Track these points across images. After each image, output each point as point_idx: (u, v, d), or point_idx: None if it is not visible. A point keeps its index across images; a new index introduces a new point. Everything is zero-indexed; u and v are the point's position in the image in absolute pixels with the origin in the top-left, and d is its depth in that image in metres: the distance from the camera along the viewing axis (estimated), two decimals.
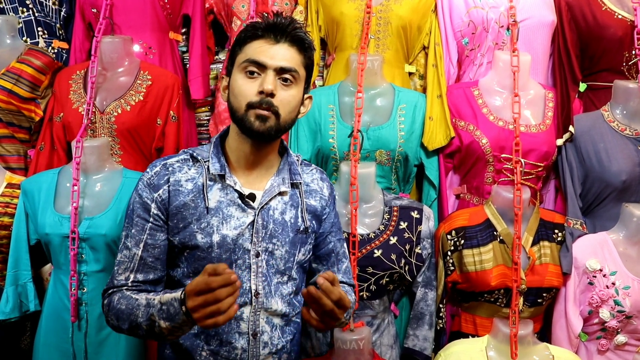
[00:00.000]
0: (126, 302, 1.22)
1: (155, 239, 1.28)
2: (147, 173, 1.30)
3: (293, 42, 1.27)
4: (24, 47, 2.15)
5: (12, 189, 1.98)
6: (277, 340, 1.32)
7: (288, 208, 1.34)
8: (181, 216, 1.27)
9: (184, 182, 1.29)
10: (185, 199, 1.27)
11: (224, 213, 1.27)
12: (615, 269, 1.84)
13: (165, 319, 1.13)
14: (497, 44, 2.15)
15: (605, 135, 2.00)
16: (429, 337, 1.91)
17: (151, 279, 1.29)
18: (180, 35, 2.37)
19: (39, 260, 1.97)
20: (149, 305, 1.17)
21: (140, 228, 1.28)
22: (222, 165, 1.30)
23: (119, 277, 1.28)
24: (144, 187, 1.29)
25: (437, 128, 2.07)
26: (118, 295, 1.26)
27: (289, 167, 1.37)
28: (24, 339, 2.04)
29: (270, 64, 1.23)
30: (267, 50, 1.24)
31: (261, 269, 1.29)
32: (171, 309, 1.12)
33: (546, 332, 1.99)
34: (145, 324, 1.17)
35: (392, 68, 2.20)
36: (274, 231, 1.30)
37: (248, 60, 1.24)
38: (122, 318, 1.22)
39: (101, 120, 2.02)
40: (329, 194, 1.45)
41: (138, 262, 1.27)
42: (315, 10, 2.29)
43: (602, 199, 2.01)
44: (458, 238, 1.89)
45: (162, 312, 1.14)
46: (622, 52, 2.10)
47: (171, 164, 1.31)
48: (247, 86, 1.24)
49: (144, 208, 1.28)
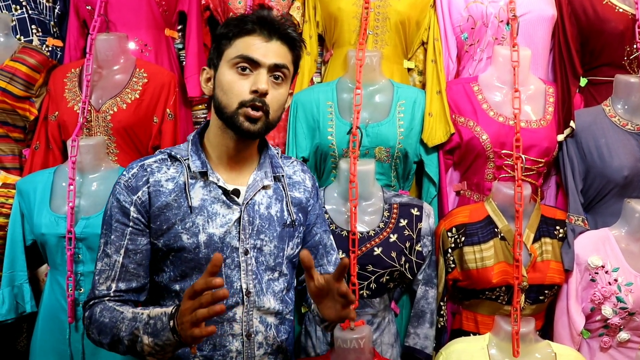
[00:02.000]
0: (110, 315, 1.18)
1: (136, 244, 1.24)
2: (123, 176, 1.26)
3: (284, 39, 1.26)
4: (18, 45, 2.12)
5: (7, 189, 1.97)
6: (272, 340, 1.30)
7: (273, 202, 1.32)
8: (164, 217, 1.24)
9: (164, 182, 1.25)
10: (167, 199, 1.24)
11: (208, 211, 1.25)
12: (617, 265, 1.83)
13: (150, 334, 1.09)
14: (497, 39, 2.14)
15: (607, 131, 1.99)
16: (430, 335, 1.90)
17: (134, 287, 1.25)
18: (176, 32, 2.36)
19: (35, 261, 1.95)
20: (134, 319, 1.14)
21: (120, 233, 1.23)
22: (203, 162, 1.27)
23: (100, 288, 1.23)
24: (121, 190, 1.24)
25: (436, 124, 2.06)
26: (100, 307, 1.21)
27: (270, 160, 1.35)
28: (21, 341, 2.03)
29: (264, 62, 1.22)
30: (260, 47, 1.22)
31: (251, 266, 1.27)
32: (158, 323, 1.09)
33: (548, 330, 1.98)
34: (127, 339, 1.13)
35: (391, 64, 2.19)
36: (261, 226, 1.28)
37: (241, 56, 1.22)
38: (105, 332, 1.17)
39: (97, 118, 2.01)
40: (311, 185, 1.43)
41: (119, 269, 1.23)
42: (312, 6, 2.27)
43: (603, 194, 1.99)
44: (459, 235, 1.88)
45: (148, 327, 1.10)
46: (623, 46, 2.09)
47: (149, 164, 1.27)
48: (239, 83, 1.22)
49: (123, 212, 1.23)
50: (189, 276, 1.24)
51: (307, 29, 2.28)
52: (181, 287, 1.25)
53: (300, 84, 2.24)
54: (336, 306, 1.16)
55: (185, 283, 1.25)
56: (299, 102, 2.09)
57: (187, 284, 1.24)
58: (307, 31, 2.28)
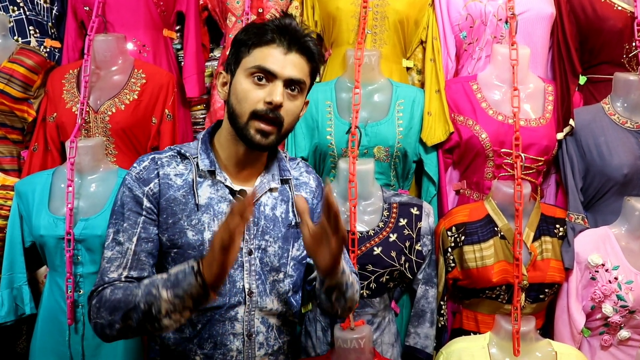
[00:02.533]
0: (123, 290, 1.14)
1: (148, 232, 1.23)
2: (134, 168, 1.26)
3: (303, 51, 1.25)
4: (16, 47, 2.12)
5: (6, 191, 1.96)
6: (273, 341, 1.30)
7: (279, 203, 1.32)
8: (171, 211, 1.24)
9: (173, 176, 1.26)
10: (175, 194, 1.24)
11: (215, 210, 1.25)
12: (617, 263, 1.83)
13: (170, 286, 1.06)
14: (496, 38, 2.13)
15: (606, 129, 1.98)
16: (430, 334, 1.89)
17: (145, 277, 1.20)
18: (174, 33, 2.35)
19: (34, 263, 1.95)
20: (152, 282, 1.10)
21: (133, 222, 1.22)
22: (212, 161, 1.28)
23: (111, 275, 1.19)
24: (132, 181, 1.24)
25: (435, 123, 2.05)
26: (111, 287, 1.17)
27: (278, 163, 1.36)
28: (20, 343, 2.03)
29: (281, 74, 1.21)
30: (278, 58, 1.21)
31: (254, 267, 1.27)
32: (180, 274, 1.06)
33: (549, 328, 1.98)
34: (144, 302, 1.08)
35: (390, 63, 2.18)
36: (266, 227, 1.29)
37: (258, 66, 1.21)
38: (118, 307, 1.12)
39: (95, 119, 2.00)
40: (316, 185, 1.43)
41: (132, 257, 1.21)
42: (311, 5, 2.27)
43: (603, 192, 1.99)
44: (458, 234, 1.87)
45: (168, 282, 1.07)
46: (622, 44, 2.09)
47: (160, 158, 1.28)
48: (254, 93, 1.21)
49: (136, 201, 1.23)
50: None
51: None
52: None
53: None
54: (330, 246, 1.11)
55: None
56: None
57: None
58: None
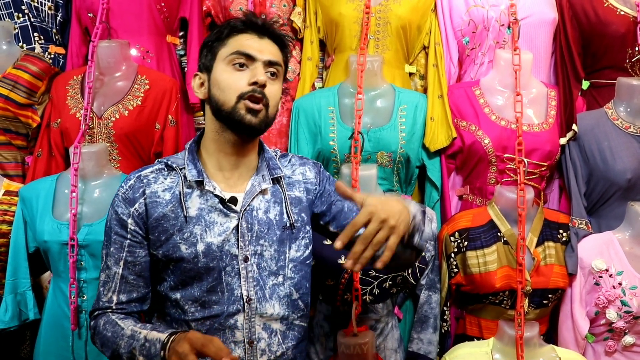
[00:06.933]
0: (112, 330, 1.23)
1: (135, 256, 1.26)
2: (122, 187, 1.28)
3: (274, 38, 1.30)
4: (20, 53, 2.13)
5: (10, 197, 1.97)
6: (276, 347, 1.28)
7: (272, 205, 1.30)
8: (162, 228, 1.24)
9: (160, 192, 1.26)
10: (164, 210, 1.24)
11: (206, 220, 1.24)
12: (621, 268, 1.82)
13: (145, 356, 1.15)
14: (498, 43, 2.13)
15: (609, 134, 1.98)
16: (434, 340, 1.89)
17: (135, 298, 1.27)
18: (177, 39, 2.36)
19: (38, 268, 1.95)
20: (132, 337, 1.19)
21: (118, 246, 1.26)
22: (200, 171, 1.27)
23: (104, 299, 1.27)
24: (119, 202, 1.26)
25: (438, 129, 2.05)
26: (104, 319, 1.25)
27: (268, 162, 1.34)
28: (24, 348, 2.03)
29: (260, 57, 1.25)
30: (254, 43, 1.26)
31: (251, 273, 1.26)
32: (152, 348, 1.14)
33: (552, 334, 1.97)
34: (126, 356, 1.19)
35: (392, 68, 2.18)
36: (260, 232, 1.27)
37: (237, 52, 1.24)
38: (107, 345, 1.23)
39: (99, 125, 2.01)
40: (314, 174, 1.40)
41: (119, 281, 1.26)
42: (313, 11, 2.27)
43: (607, 198, 1.99)
44: (461, 240, 1.87)
45: (144, 349, 1.15)
46: (625, 48, 2.09)
47: (145, 175, 1.28)
48: (236, 77, 1.23)
49: (121, 225, 1.25)
50: (189, 285, 1.25)
51: (308, 35, 2.28)
52: (181, 295, 1.25)
53: (302, 90, 2.23)
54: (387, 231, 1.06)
55: (185, 292, 1.25)
56: (300, 107, 2.08)
57: (187, 292, 1.24)
58: (308, 36, 2.28)
